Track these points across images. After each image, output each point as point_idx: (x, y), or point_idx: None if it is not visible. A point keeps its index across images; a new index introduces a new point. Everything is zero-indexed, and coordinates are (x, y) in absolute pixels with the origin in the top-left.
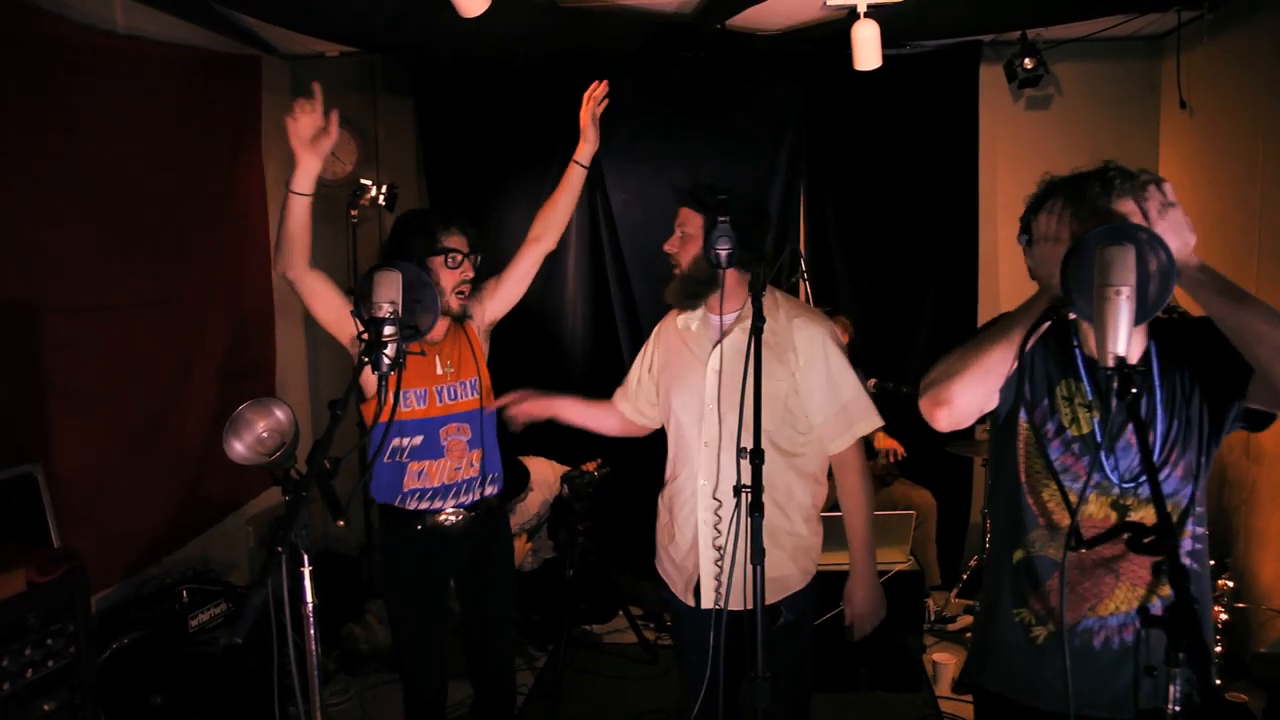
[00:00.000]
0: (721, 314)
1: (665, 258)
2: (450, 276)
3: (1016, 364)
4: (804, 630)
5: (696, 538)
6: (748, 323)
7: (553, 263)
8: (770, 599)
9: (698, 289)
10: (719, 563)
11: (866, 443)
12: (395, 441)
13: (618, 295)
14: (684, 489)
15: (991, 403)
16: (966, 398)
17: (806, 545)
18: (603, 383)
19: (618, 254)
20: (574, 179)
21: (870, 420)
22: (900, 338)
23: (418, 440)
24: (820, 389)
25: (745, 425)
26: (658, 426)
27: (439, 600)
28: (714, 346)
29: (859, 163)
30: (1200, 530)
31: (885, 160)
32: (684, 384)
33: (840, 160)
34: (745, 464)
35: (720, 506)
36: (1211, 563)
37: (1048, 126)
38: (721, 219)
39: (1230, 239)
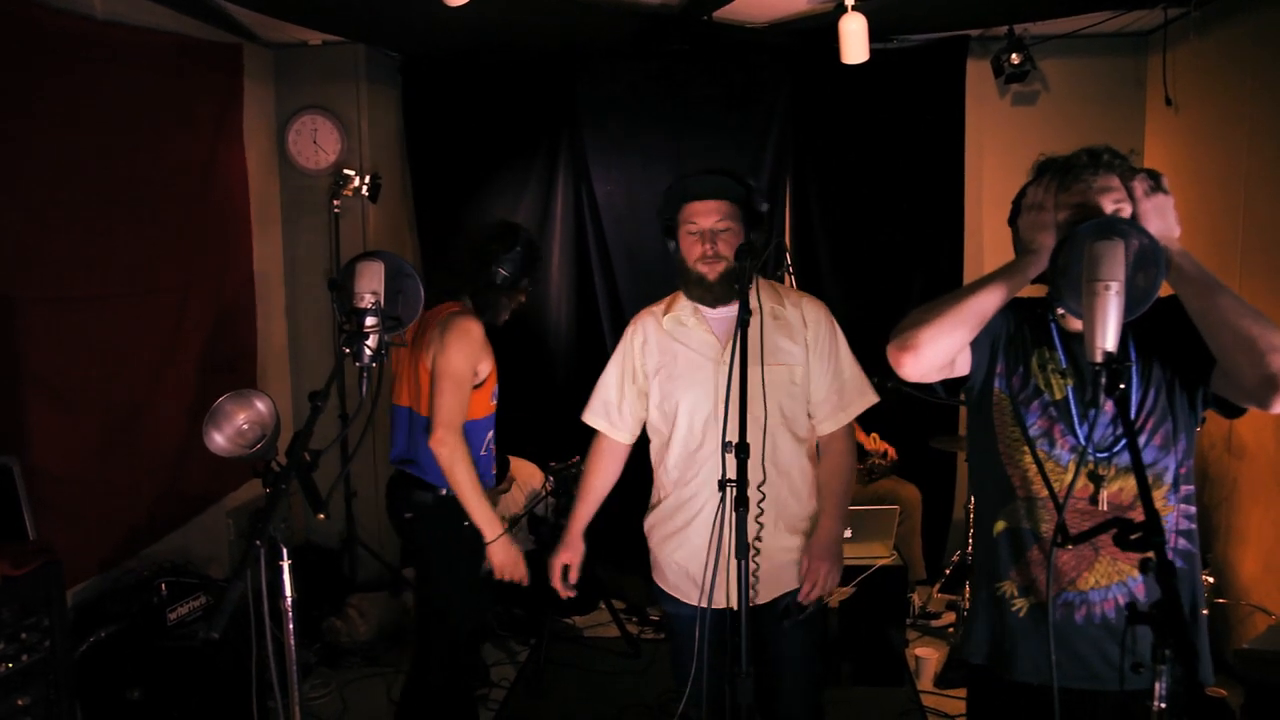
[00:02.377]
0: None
1: (650, 250)
2: (516, 299)
3: (988, 328)
4: (822, 612)
5: (720, 538)
6: (754, 318)
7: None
8: (794, 585)
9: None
10: (757, 559)
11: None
12: (489, 434)
13: (602, 288)
14: (702, 491)
15: (962, 364)
16: (933, 348)
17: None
18: (587, 379)
19: (602, 247)
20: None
21: (866, 398)
22: (885, 331)
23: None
24: (822, 368)
25: (758, 418)
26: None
27: None
28: (726, 343)
29: (845, 156)
30: (1191, 509)
31: (871, 154)
32: (693, 385)
33: (826, 153)
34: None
35: (762, 499)
36: None
37: (1034, 122)
38: (763, 205)
39: (1214, 233)
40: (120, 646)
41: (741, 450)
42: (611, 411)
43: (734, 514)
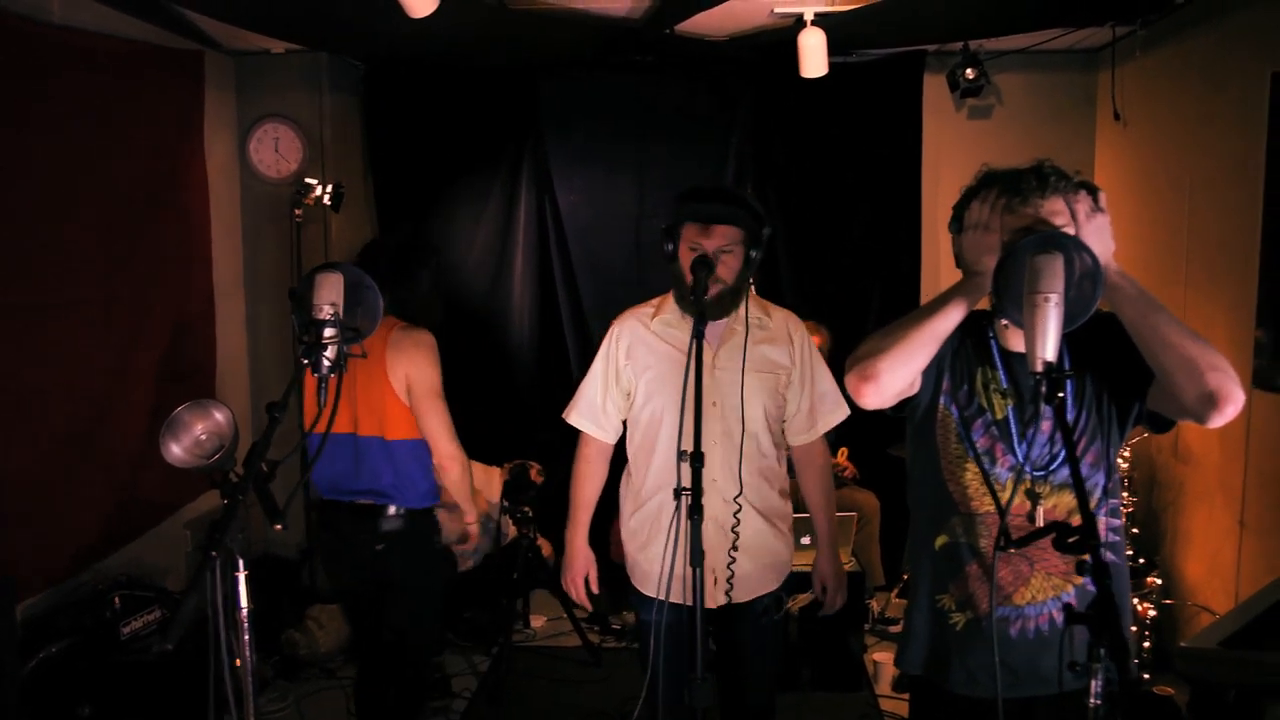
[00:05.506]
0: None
1: (613, 260)
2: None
3: (938, 353)
4: (785, 613)
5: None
6: (741, 327)
7: (500, 266)
8: (775, 586)
9: (738, 299)
10: (732, 565)
11: None
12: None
13: (565, 299)
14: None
15: (915, 385)
16: (892, 376)
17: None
18: (548, 389)
19: (565, 257)
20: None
21: (838, 412)
22: (845, 342)
23: None
24: (801, 383)
25: (748, 420)
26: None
27: None
28: (717, 348)
29: (805, 167)
30: (1116, 522)
31: (831, 166)
32: (680, 388)
33: (787, 164)
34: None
35: (740, 511)
36: (1141, 560)
37: (989, 135)
38: (766, 230)
39: (1161, 243)
40: (71, 662)
41: (696, 460)
42: (596, 412)
43: (688, 522)
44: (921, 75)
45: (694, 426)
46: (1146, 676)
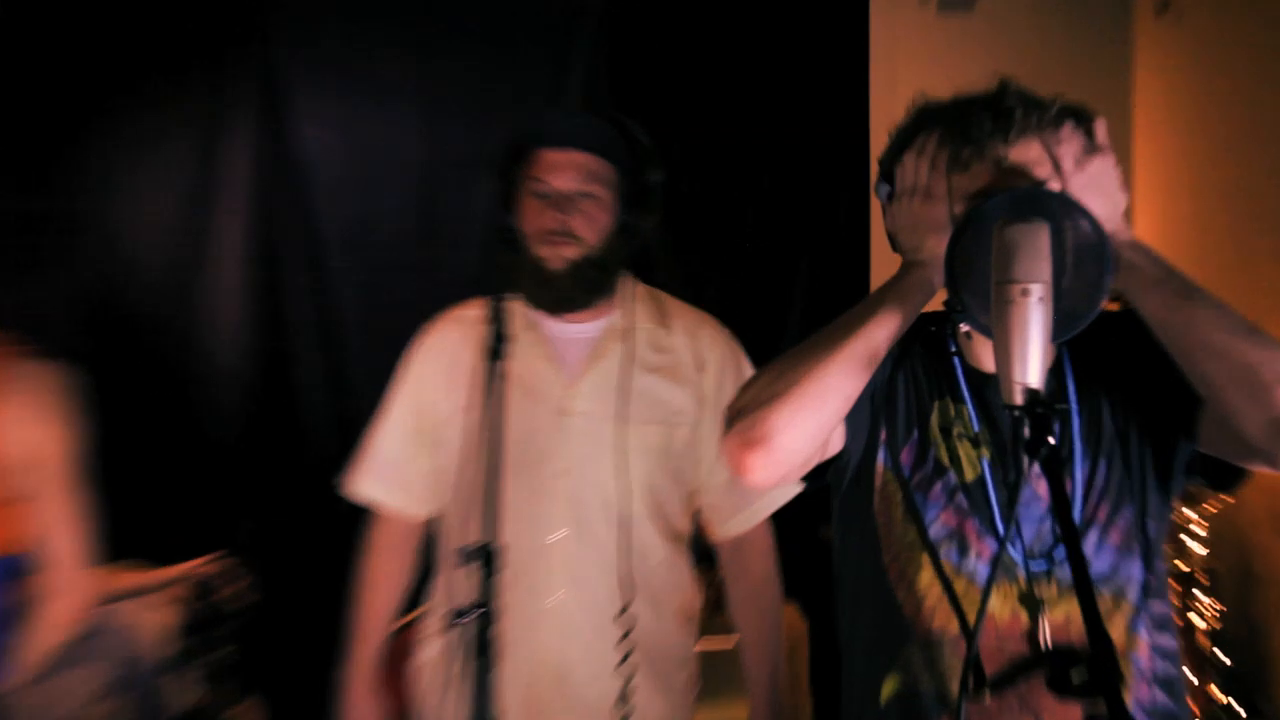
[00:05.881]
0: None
1: (388, 228)
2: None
3: (868, 383)
4: None
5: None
6: (621, 343)
7: (194, 245)
8: None
9: (606, 281)
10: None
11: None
12: None
13: (305, 290)
14: (526, 608)
15: (834, 444)
16: (790, 436)
17: (695, 674)
18: (272, 441)
19: (306, 223)
20: None
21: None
22: (759, 350)
23: None
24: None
25: (624, 502)
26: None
27: None
28: (577, 378)
29: (693, 92)
30: (1167, 641)
31: (728, 91)
32: (516, 439)
33: (664, 89)
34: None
35: (618, 648)
36: (1237, 705)
37: (970, 40)
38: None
39: (1231, 201)
40: None
41: (484, 557)
42: (397, 474)
43: (474, 664)
44: None
45: (486, 500)
46: None
